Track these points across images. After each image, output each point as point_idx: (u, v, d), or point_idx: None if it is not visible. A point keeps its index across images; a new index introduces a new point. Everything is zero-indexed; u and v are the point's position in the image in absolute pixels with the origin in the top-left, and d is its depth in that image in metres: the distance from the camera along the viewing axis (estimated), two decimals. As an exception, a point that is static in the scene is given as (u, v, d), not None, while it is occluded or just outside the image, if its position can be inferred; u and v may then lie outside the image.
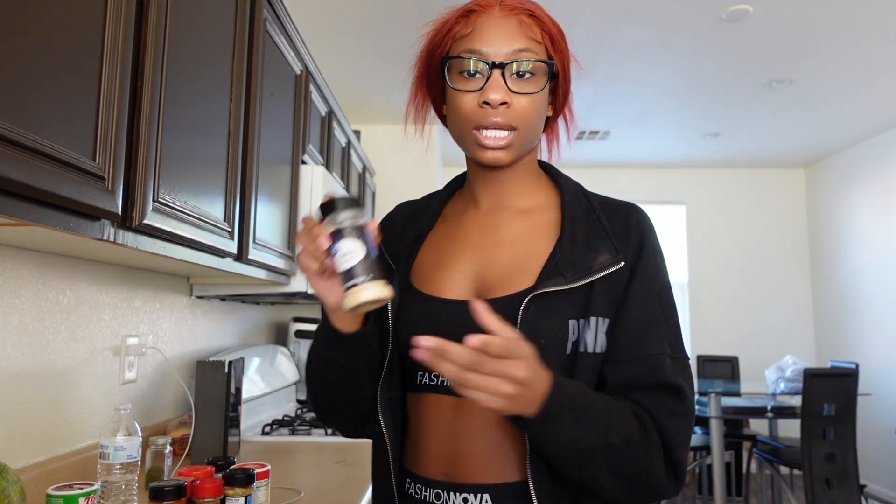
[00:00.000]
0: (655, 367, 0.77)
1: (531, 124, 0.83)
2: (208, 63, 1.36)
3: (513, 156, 0.84)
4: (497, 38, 0.81)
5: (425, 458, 0.83)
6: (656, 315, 0.81)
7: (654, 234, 0.87)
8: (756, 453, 3.99)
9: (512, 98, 0.80)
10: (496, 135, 0.81)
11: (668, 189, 5.88)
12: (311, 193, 2.13)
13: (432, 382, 0.84)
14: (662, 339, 0.80)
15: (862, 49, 3.33)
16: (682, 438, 0.76)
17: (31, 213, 0.81)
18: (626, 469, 0.73)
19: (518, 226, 0.88)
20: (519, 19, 0.83)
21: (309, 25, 2.97)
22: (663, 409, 0.76)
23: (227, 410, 1.74)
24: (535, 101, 0.82)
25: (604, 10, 2.94)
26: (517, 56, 0.81)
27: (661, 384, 0.77)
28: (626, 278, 0.81)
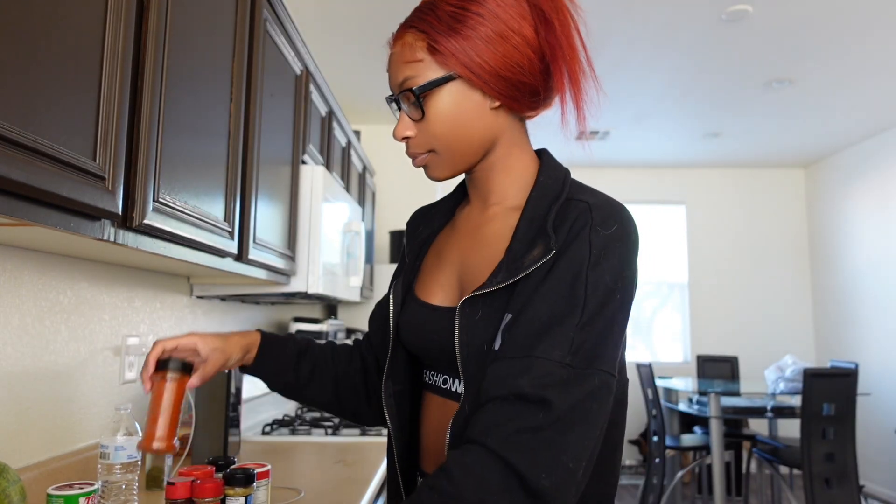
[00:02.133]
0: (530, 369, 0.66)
1: (446, 140, 0.80)
2: (208, 63, 1.37)
3: (444, 171, 0.84)
4: (391, 75, 0.83)
5: (425, 454, 0.87)
6: (569, 313, 0.69)
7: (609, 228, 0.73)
8: (756, 453, 3.99)
9: (416, 126, 0.81)
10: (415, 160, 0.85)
11: (668, 189, 5.88)
12: (311, 193, 2.13)
13: (428, 382, 0.88)
14: (564, 342, 0.67)
15: (862, 49, 3.33)
16: (539, 458, 0.62)
17: (32, 213, 0.81)
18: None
19: (496, 225, 0.85)
20: (402, 44, 0.80)
21: (309, 25, 2.97)
22: (501, 421, 0.65)
23: (227, 410, 1.74)
24: (438, 119, 0.79)
25: (604, 10, 2.94)
26: (399, 89, 0.81)
27: (517, 395, 0.65)
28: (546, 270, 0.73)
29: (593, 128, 4.74)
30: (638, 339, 5.92)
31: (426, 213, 1.00)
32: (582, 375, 0.67)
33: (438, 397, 0.85)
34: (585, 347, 0.68)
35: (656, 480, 4.06)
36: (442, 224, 0.96)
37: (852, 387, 3.44)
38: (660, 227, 5.93)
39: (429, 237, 0.95)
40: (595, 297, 0.70)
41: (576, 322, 0.68)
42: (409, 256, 0.95)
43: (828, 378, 3.44)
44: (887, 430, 4.61)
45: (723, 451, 3.72)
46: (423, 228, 0.96)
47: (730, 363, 4.86)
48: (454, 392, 0.82)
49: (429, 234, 0.95)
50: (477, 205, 0.90)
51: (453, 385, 0.83)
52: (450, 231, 0.93)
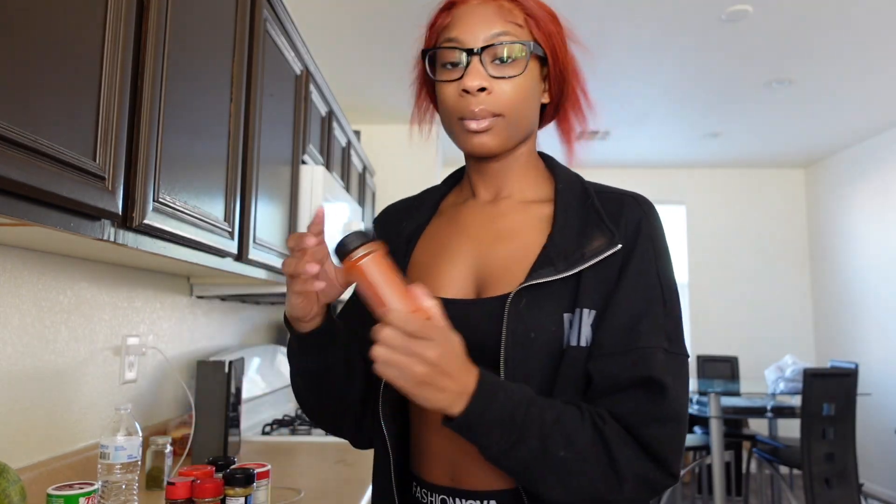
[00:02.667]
0: (642, 361, 0.71)
1: (517, 109, 0.80)
2: (208, 63, 1.37)
3: (499, 142, 0.81)
4: (474, 25, 0.79)
5: (431, 462, 0.81)
6: (654, 304, 0.75)
7: (656, 221, 0.80)
8: (756, 453, 3.99)
9: (492, 83, 0.78)
10: (478, 121, 0.79)
11: (668, 189, 5.89)
12: (311, 193, 2.13)
13: None
14: (659, 331, 0.73)
15: (862, 49, 3.33)
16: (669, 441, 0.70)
17: (32, 213, 0.81)
18: (575, 485, 0.68)
19: (516, 218, 0.85)
20: (498, 4, 0.81)
21: (309, 25, 2.97)
22: (644, 411, 0.70)
23: (227, 410, 1.74)
24: (518, 85, 0.79)
25: (604, 10, 2.94)
26: (494, 40, 0.78)
27: (643, 380, 0.71)
28: (619, 265, 0.76)
29: (593, 128, 4.74)
30: (638, 339, 5.91)
31: (403, 208, 0.96)
32: (678, 359, 0.74)
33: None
34: (674, 333, 0.75)
35: (656, 480, 4.05)
36: (427, 218, 0.92)
37: (852, 387, 3.44)
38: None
39: (415, 232, 0.90)
40: (668, 286, 0.77)
41: (662, 311, 0.75)
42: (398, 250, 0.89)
43: (828, 378, 3.44)
44: (887, 429, 4.61)
45: (723, 451, 3.72)
46: (408, 223, 0.91)
47: (730, 363, 4.86)
48: None
49: (415, 229, 0.90)
50: (484, 196, 0.88)
51: None
52: (448, 224, 0.89)
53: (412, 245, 0.90)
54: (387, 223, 0.94)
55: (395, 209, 0.97)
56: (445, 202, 0.95)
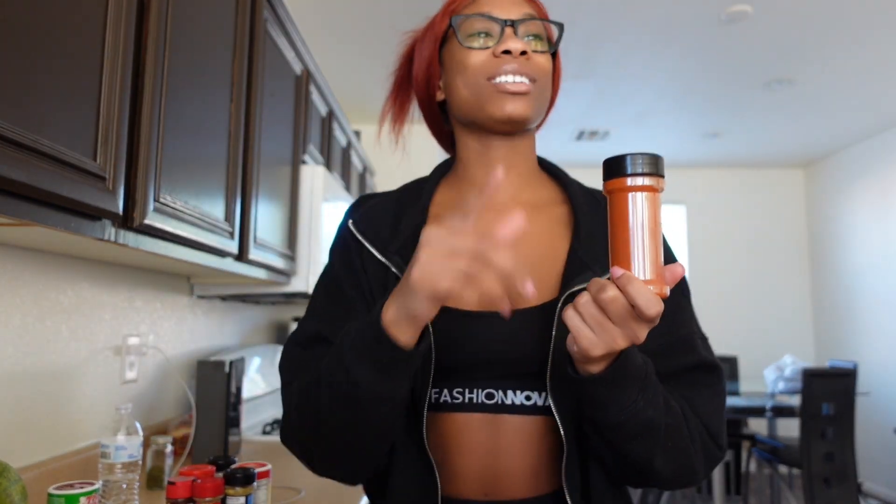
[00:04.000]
0: (689, 348, 0.76)
1: (546, 82, 0.80)
2: (208, 63, 1.37)
3: (531, 111, 0.78)
4: (504, 2, 0.80)
5: (461, 479, 0.75)
6: (681, 300, 0.79)
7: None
8: (755, 453, 4.00)
9: (530, 53, 0.77)
10: (516, 80, 0.76)
11: (668, 189, 5.86)
12: (311, 193, 2.13)
13: (456, 401, 0.75)
14: (690, 320, 0.79)
15: (862, 49, 3.34)
16: (722, 418, 0.75)
17: (32, 213, 0.81)
18: (677, 452, 0.69)
19: (534, 222, 0.80)
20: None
21: (309, 25, 2.97)
22: (704, 393, 0.75)
23: (227, 410, 1.75)
24: (548, 59, 0.80)
25: (603, 10, 2.94)
26: (528, 17, 0.79)
27: (698, 365, 0.75)
28: None
29: (593, 128, 4.74)
30: (638, 339, 5.92)
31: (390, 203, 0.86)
32: (707, 340, 0.80)
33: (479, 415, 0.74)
34: (696, 318, 0.81)
35: (656, 480, 4.05)
36: (423, 220, 0.82)
37: (851, 386, 3.44)
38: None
39: (414, 234, 0.77)
40: (686, 285, 0.82)
41: (687, 302, 0.81)
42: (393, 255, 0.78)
43: (827, 378, 3.44)
44: (887, 429, 4.61)
45: (722, 451, 3.72)
46: (405, 225, 0.81)
47: (729, 363, 4.86)
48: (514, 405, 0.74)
49: (414, 230, 0.79)
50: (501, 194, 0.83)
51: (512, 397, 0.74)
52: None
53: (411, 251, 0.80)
54: (373, 218, 0.84)
55: (379, 203, 0.87)
56: (437, 205, 0.86)
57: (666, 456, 0.68)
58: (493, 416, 0.74)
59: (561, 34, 0.82)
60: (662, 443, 0.67)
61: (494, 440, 0.74)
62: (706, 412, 0.73)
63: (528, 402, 0.74)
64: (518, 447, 0.74)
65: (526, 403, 0.74)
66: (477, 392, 0.75)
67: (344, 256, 0.83)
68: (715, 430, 0.74)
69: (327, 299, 0.82)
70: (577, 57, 3.44)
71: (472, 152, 0.84)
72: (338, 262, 0.84)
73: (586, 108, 4.33)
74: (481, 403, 0.75)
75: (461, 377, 0.75)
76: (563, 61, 0.90)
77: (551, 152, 5.36)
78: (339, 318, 0.78)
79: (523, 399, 0.74)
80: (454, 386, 0.75)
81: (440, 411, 0.76)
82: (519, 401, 0.74)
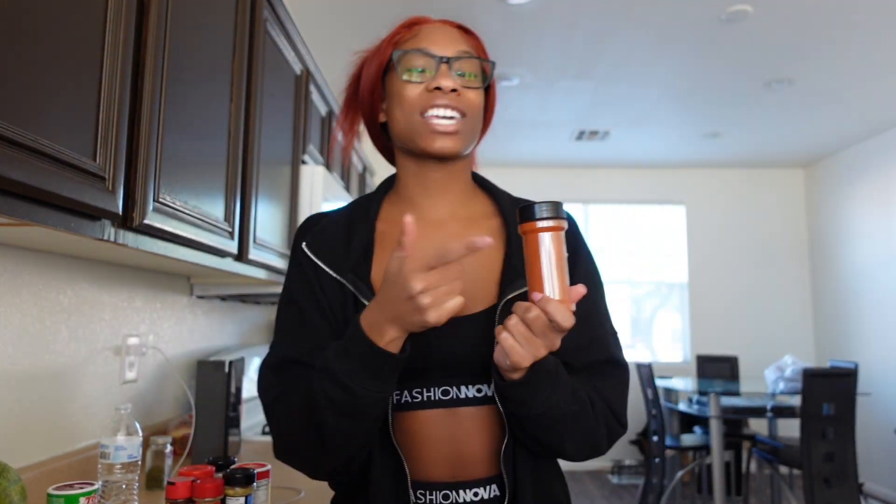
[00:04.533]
0: (602, 348, 0.88)
1: (477, 115, 0.88)
2: (208, 63, 1.37)
3: (460, 145, 0.86)
4: (442, 39, 0.88)
5: (429, 465, 0.84)
6: (597, 301, 0.90)
7: (580, 232, 0.95)
8: (755, 453, 3.99)
9: (461, 89, 0.85)
10: (446, 115, 0.84)
11: (668, 189, 5.88)
12: (311, 193, 2.13)
13: (416, 400, 0.84)
14: (603, 322, 0.90)
15: (862, 49, 3.33)
16: (624, 403, 0.88)
17: (32, 213, 0.81)
18: (582, 433, 0.82)
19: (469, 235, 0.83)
20: (458, 29, 0.91)
21: (309, 25, 2.97)
22: (609, 383, 0.87)
23: (227, 410, 1.74)
24: (479, 95, 0.88)
25: (604, 10, 2.94)
26: (462, 55, 0.87)
27: (608, 360, 0.88)
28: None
29: (593, 128, 4.74)
30: (638, 339, 5.92)
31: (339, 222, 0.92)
32: (617, 335, 0.91)
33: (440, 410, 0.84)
34: (609, 315, 0.92)
35: (656, 480, 4.06)
36: (371, 238, 0.89)
37: (852, 387, 3.44)
38: (660, 227, 5.93)
39: (365, 254, 0.87)
40: (599, 280, 0.93)
41: (602, 300, 0.91)
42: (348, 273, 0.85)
43: (827, 378, 3.44)
44: (887, 429, 4.61)
45: (723, 451, 3.72)
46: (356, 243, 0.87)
47: (730, 363, 4.86)
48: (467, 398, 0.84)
49: (364, 251, 0.87)
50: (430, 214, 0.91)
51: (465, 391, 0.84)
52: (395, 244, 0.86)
53: (368, 269, 0.87)
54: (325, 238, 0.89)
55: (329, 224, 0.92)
56: (384, 220, 0.92)
57: (574, 438, 0.81)
58: (451, 409, 0.84)
59: (492, 70, 0.90)
60: (571, 427, 0.80)
61: (454, 430, 0.84)
62: (611, 397, 0.86)
63: (479, 394, 0.85)
64: (475, 434, 0.84)
65: (478, 395, 0.85)
66: (434, 390, 0.84)
67: (301, 278, 0.89)
68: (618, 411, 0.86)
69: (292, 322, 0.88)
70: (578, 57, 3.44)
71: (410, 173, 0.92)
72: (296, 284, 0.90)
73: (586, 108, 4.33)
74: (438, 400, 0.84)
75: (419, 379, 0.84)
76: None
77: (551, 152, 5.37)
78: (305, 338, 0.86)
79: (475, 392, 0.85)
80: (413, 387, 0.84)
81: (404, 410, 0.85)
82: (472, 394, 0.85)
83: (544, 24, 3.07)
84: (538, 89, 3.95)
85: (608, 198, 5.87)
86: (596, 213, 5.92)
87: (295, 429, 0.81)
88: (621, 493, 4.83)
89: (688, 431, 4.65)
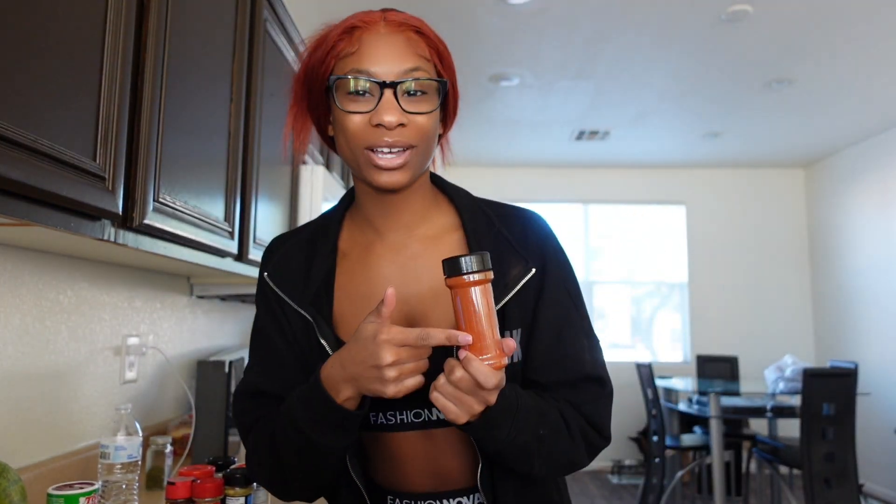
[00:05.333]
0: (577, 364, 0.84)
1: (428, 143, 0.81)
2: (208, 63, 1.37)
3: (409, 177, 0.80)
4: (386, 57, 0.78)
5: (410, 478, 0.86)
6: (570, 313, 0.86)
7: (553, 234, 0.89)
8: (756, 453, 3.99)
9: (408, 118, 0.77)
10: (391, 156, 0.77)
11: (668, 189, 5.88)
12: (311, 193, 2.13)
13: (390, 422, 0.84)
14: (579, 335, 0.86)
15: (862, 49, 3.34)
16: (607, 415, 0.85)
17: (32, 213, 0.81)
18: (555, 455, 0.79)
19: (430, 256, 0.85)
20: (406, 36, 0.80)
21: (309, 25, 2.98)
22: (588, 399, 0.83)
23: (227, 410, 1.74)
24: (430, 119, 0.80)
25: (604, 10, 2.94)
26: (408, 75, 0.78)
27: (586, 377, 0.83)
28: (537, 286, 0.84)
29: (593, 128, 4.74)
30: (638, 339, 5.92)
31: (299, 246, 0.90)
32: (597, 348, 0.87)
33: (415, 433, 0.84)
34: (589, 328, 0.87)
35: (656, 480, 4.06)
36: (333, 262, 0.88)
37: (852, 387, 3.44)
38: (660, 227, 5.93)
39: (326, 280, 0.86)
40: (576, 293, 0.88)
41: (579, 317, 0.87)
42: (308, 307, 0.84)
43: (827, 378, 3.44)
44: (887, 429, 4.61)
45: (723, 451, 3.72)
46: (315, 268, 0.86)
47: (730, 363, 4.86)
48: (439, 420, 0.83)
49: (325, 277, 0.86)
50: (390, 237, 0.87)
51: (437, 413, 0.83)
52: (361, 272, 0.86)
53: (331, 296, 0.86)
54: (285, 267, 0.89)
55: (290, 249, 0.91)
56: (345, 241, 0.90)
57: (545, 461, 0.79)
58: (424, 431, 0.84)
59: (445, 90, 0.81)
60: (539, 453, 0.77)
61: (430, 449, 0.85)
62: (590, 413, 0.83)
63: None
64: (452, 452, 0.85)
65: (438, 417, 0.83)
66: (406, 413, 0.84)
67: (267, 308, 0.89)
68: (598, 425, 0.83)
69: (261, 351, 0.89)
70: (577, 57, 3.44)
71: (366, 195, 0.87)
72: (263, 313, 0.90)
73: (586, 108, 4.33)
74: (411, 422, 0.84)
75: (391, 403, 0.83)
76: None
77: (551, 152, 5.37)
78: (272, 370, 0.87)
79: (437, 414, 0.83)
80: (387, 410, 0.84)
81: (379, 431, 0.85)
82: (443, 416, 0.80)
83: (544, 24, 3.07)
84: (538, 89, 3.95)
85: (608, 198, 5.87)
86: (596, 213, 5.92)
87: (264, 460, 0.83)
88: (621, 493, 4.83)
89: (688, 431, 4.65)
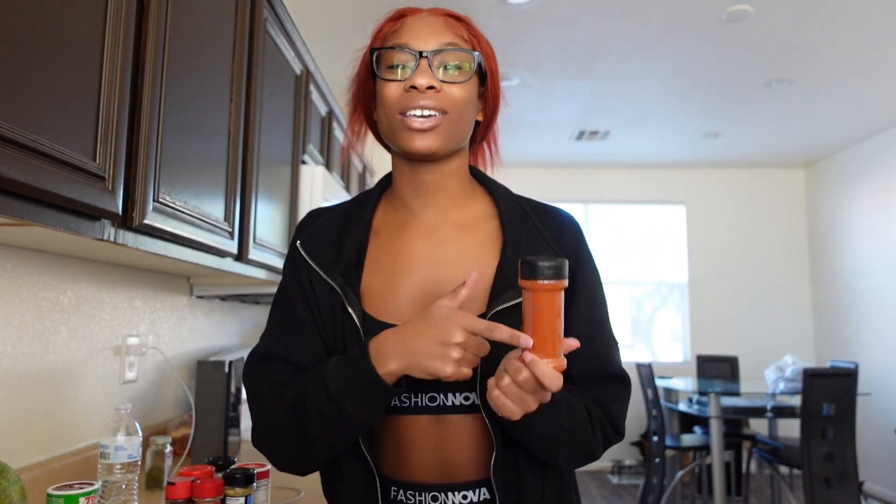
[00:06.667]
0: (606, 364, 0.87)
1: (461, 112, 0.83)
2: (208, 63, 1.37)
3: (440, 142, 0.82)
4: (424, 33, 0.83)
5: (416, 468, 0.85)
6: (601, 316, 0.90)
7: (584, 236, 0.93)
8: (756, 453, 3.99)
9: (440, 85, 0.82)
10: (422, 119, 0.81)
11: (668, 189, 5.88)
12: (311, 193, 2.13)
13: (404, 405, 0.84)
14: (609, 338, 0.89)
15: (862, 49, 3.33)
16: (624, 413, 0.89)
17: (32, 213, 0.81)
18: (578, 446, 0.82)
19: (462, 241, 0.88)
20: (446, 19, 0.86)
21: (309, 25, 2.97)
22: (612, 397, 0.87)
23: (227, 410, 1.74)
24: (464, 89, 0.83)
25: (604, 10, 2.94)
26: (444, 47, 0.83)
27: (612, 376, 0.87)
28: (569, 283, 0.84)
29: (593, 128, 4.74)
30: (638, 339, 5.92)
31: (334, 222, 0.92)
32: (619, 351, 0.91)
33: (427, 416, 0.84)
34: (613, 332, 0.91)
35: (656, 480, 4.06)
36: (366, 238, 0.90)
37: (852, 387, 3.44)
38: (660, 227, 5.93)
39: (357, 255, 0.88)
40: (604, 297, 0.92)
41: (606, 318, 0.90)
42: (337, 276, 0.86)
43: (828, 378, 3.44)
44: (887, 429, 4.61)
45: (723, 451, 3.72)
46: (348, 242, 0.88)
47: (730, 363, 4.86)
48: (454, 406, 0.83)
49: (356, 251, 0.88)
50: (424, 219, 0.89)
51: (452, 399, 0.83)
52: (393, 250, 0.88)
53: (360, 270, 0.88)
54: (319, 238, 0.90)
55: (325, 222, 0.92)
56: (379, 220, 0.92)
57: (569, 451, 0.82)
58: (438, 416, 0.84)
59: (479, 62, 0.85)
60: (566, 444, 0.80)
61: (441, 436, 0.84)
62: (612, 410, 0.87)
63: (466, 402, 0.84)
64: (463, 441, 0.84)
65: (465, 403, 0.84)
66: (421, 396, 0.84)
67: (295, 275, 0.90)
68: (616, 422, 0.87)
69: (282, 319, 0.90)
70: (578, 57, 3.44)
71: (403, 174, 0.90)
72: (290, 281, 0.91)
73: (586, 108, 4.33)
74: (426, 406, 0.84)
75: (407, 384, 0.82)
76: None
77: (551, 152, 5.37)
78: (291, 336, 0.87)
79: (462, 399, 0.84)
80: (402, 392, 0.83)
81: (391, 413, 0.85)
82: (459, 401, 0.84)
83: (544, 24, 3.07)
84: (538, 89, 3.95)
85: (608, 198, 5.87)
86: (596, 213, 5.92)
87: (276, 425, 0.82)
88: (621, 493, 4.83)
89: (688, 431, 4.65)
